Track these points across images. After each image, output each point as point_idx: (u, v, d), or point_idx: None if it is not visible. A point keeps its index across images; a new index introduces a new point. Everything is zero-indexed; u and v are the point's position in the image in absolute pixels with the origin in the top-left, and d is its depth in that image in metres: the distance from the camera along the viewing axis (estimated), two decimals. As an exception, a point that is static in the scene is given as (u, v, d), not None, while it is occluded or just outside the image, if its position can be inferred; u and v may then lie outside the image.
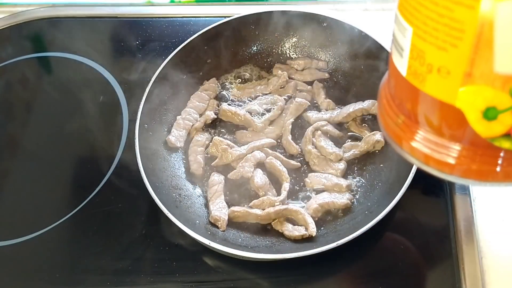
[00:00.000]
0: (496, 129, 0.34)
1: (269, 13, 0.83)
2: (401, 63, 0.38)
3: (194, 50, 0.81)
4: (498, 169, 0.37)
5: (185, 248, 0.68)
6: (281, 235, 0.68)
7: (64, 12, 1.00)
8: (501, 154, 0.37)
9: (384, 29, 0.66)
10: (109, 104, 0.85)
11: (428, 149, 0.39)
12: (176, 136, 0.77)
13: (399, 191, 0.63)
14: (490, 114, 0.34)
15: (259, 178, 0.72)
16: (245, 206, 0.71)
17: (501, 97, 0.33)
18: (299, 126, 0.79)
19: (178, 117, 0.79)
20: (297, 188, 0.73)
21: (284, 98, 0.81)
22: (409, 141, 0.40)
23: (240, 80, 0.85)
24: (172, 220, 0.63)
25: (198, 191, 0.74)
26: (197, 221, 0.68)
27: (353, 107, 0.77)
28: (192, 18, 0.96)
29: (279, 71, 0.84)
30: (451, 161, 0.38)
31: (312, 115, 0.79)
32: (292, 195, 0.72)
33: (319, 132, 0.76)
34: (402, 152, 0.42)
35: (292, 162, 0.75)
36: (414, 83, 0.37)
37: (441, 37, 0.33)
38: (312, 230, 0.66)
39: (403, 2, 0.36)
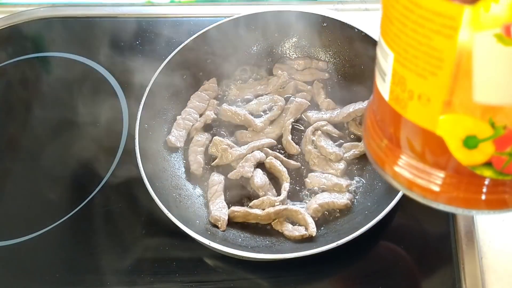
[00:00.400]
0: (477, 157, 0.34)
1: (269, 13, 0.83)
2: (383, 88, 0.38)
3: (194, 50, 0.81)
4: (483, 197, 0.36)
5: (185, 248, 0.68)
6: (281, 235, 0.68)
7: (64, 12, 1.00)
8: (486, 182, 0.36)
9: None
10: (109, 104, 0.85)
11: (411, 175, 0.38)
12: (176, 136, 0.77)
13: (399, 191, 0.63)
14: (470, 142, 0.33)
15: (259, 178, 0.72)
16: (245, 206, 0.71)
17: (481, 126, 0.32)
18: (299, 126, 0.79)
19: (178, 117, 0.79)
20: (297, 188, 0.73)
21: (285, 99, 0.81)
22: (392, 165, 0.39)
23: (240, 80, 0.85)
24: (172, 220, 0.63)
25: (198, 191, 0.74)
26: (197, 221, 0.68)
27: (353, 107, 0.77)
28: (192, 18, 0.96)
29: (279, 71, 0.84)
30: (435, 188, 0.37)
31: (312, 115, 0.79)
32: (292, 195, 0.72)
33: (319, 132, 0.76)
34: (385, 175, 0.40)
35: (292, 162, 0.75)
36: (396, 109, 0.37)
37: (421, 64, 0.33)
38: (312, 230, 0.66)
39: (385, 27, 0.35)
